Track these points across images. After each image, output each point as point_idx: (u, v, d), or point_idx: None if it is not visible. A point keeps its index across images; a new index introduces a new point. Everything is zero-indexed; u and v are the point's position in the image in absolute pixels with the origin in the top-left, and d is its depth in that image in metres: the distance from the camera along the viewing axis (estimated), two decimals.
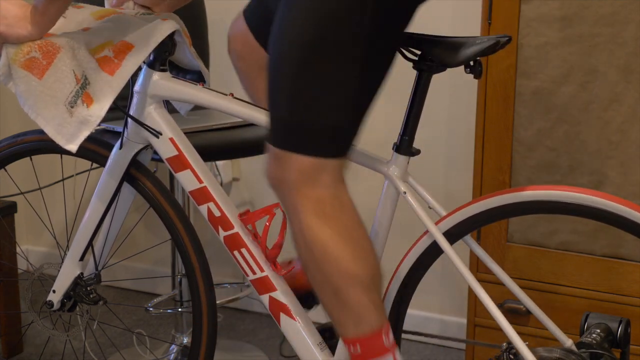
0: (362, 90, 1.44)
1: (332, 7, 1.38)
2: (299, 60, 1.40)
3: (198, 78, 1.81)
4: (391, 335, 1.50)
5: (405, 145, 1.55)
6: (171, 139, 1.69)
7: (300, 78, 1.41)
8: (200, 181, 1.68)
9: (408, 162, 1.57)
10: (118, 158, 1.75)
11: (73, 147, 1.61)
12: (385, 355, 1.49)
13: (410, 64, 1.53)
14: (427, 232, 1.54)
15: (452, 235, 1.53)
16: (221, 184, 2.30)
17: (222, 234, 1.68)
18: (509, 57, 2.03)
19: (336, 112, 1.42)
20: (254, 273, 1.66)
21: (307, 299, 1.66)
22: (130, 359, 2.37)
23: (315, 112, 1.41)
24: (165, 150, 1.69)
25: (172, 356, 2.41)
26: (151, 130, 1.69)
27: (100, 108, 1.61)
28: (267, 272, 1.66)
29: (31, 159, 1.92)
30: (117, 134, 1.74)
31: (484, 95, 2.08)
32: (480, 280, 1.51)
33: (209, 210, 1.68)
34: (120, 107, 1.67)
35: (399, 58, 1.57)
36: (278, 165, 1.45)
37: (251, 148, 2.23)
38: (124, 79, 1.62)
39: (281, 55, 1.43)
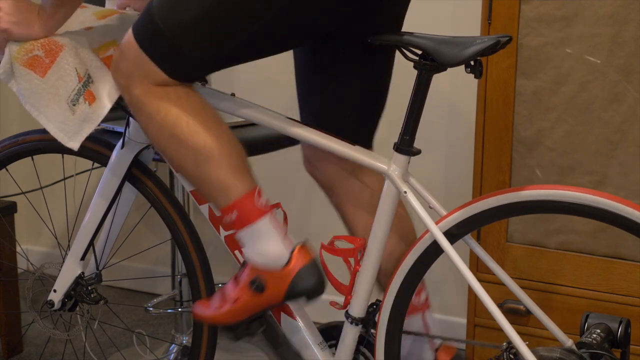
0: (234, 39, 1.48)
1: None
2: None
3: None
4: (264, 199, 1.53)
5: (405, 145, 1.55)
6: None
7: (191, 4, 1.45)
8: None
9: (409, 162, 1.57)
10: (120, 158, 1.75)
11: (75, 145, 1.61)
12: (261, 217, 1.51)
13: (411, 64, 1.53)
14: (427, 231, 1.54)
15: (453, 235, 1.53)
16: None
17: (223, 233, 1.68)
18: (509, 57, 2.03)
19: (203, 45, 1.47)
20: None
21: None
22: (130, 358, 2.37)
23: (185, 38, 1.46)
24: None
25: (172, 356, 2.41)
26: None
27: (102, 106, 1.61)
28: None
29: (32, 158, 1.92)
30: (118, 134, 1.75)
31: (484, 95, 2.08)
32: (480, 280, 1.51)
33: (209, 209, 1.68)
34: (122, 106, 1.67)
35: (399, 58, 1.57)
36: (129, 57, 1.51)
37: (251, 148, 2.22)
38: None
39: None
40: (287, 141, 1.95)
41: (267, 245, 1.52)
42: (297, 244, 1.53)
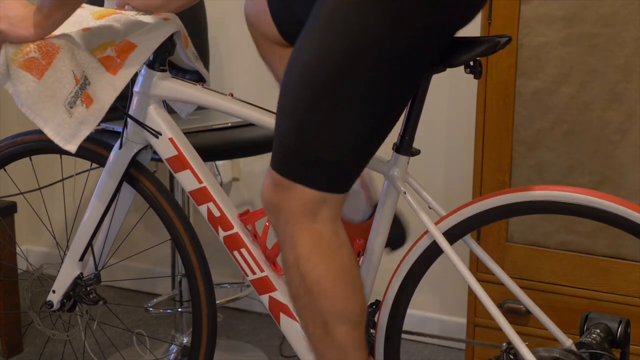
0: (374, 129, 1.41)
1: (363, 46, 1.32)
2: (315, 92, 1.35)
3: (198, 78, 1.81)
4: None
5: (405, 146, 1.55)
6: (171, 139, 1.69)
7: (315, 110, 1.36)
8: (200, 181, 1.68)
9: (408, 162, 1.57)
10: (118, 158, 1.75)
11: (72, 147, 1.61)
12: None
13: None
14: (427, 232, 1.54)
15: (452, 235, 1.53)
16: (221, 184, 2.30)
17: (222, 234, 1.68)
18: (509, 57, 2.03)
19: (345, 148, 1.38)
20: (254, 273, 1.66)
21: None
22: (130, 359, 2.37)
23: (323, 147, 1.37)
24: (165, 150, 1.69)
25: (172, 356, 2.41)
26: (151, 130, 1.69)
27: (100, 108, 1.61)
28: (267, 272, 1.66)
29: (31, 159, 1.92)
30: (117, 134, 1.74)
31: (484, 95, 2.08)
32: (480, 280, 1.51)
33: (208, 210, 1.68)
34: (120, 107, 1.67)
35: None
36: (278, 191, 1.42)
37: (251, 148, 2.23)
38: (127, 78, 1.62)
39: (298, 80, 1.37)
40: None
41: None
42: None
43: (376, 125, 1.40)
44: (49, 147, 1.79)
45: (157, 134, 1.69)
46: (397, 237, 1.68)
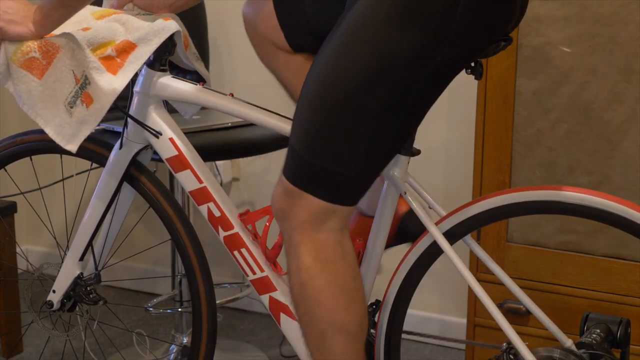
0: (386, 147, 1.42)
1: (386, 68, 1.33)
2: (333, 107, 1.36)
3: (198, 78, 1.81)
4: None
5: (405, 146, 1.55)
6: (171, 139, 1.69)
7: (331, 123, 1.37)
8: (200, 181, 1.68)
9: (408, 162, 1.56)
10: (118, 158, 1.75)
11: (73, 147, 1.61)
12: None
13: None
14: (427, 232, 1.54)
15: (452, 235, 1.53)
16: (221, 184, 2.30)
17: (222, 234, 1.68)
18: (509, 57, 2.03)
19: (357, 164, 1.40)
20: (254, 273, 1.66)
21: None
22: (130, 359, 2.37)
23: (336, 160, 1.39)
24: (165, 150, 1.69)
25: (172, 356, 2.41)
26: (151, 130, 1.69)
27: (100, 108, 1.61)
28: (267, 272, 1.66)
29: (31, 159, 1.92)
30: (117, 134, 1.74)
31: (484, 95, 2.08)
32: (480, 280, 1.51)
33: (209, 210, 1.68)
34: (120, 107, 1.67)
35: None
36: (288, 199, 1.43)
37: (251, 148, 2.23)
38: (127, 77, 1.62)
39: (318, 92, 1.38)
40: (286, 141, 1.94)
41: None
42: None
43: (389, 143, 1.42)
44: (50, 147, 1.79)
45: (157, 134, 1.69)
46: (412, 231, 1.65)
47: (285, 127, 1.60)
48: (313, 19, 1.57)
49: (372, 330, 1.63)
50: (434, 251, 1.54)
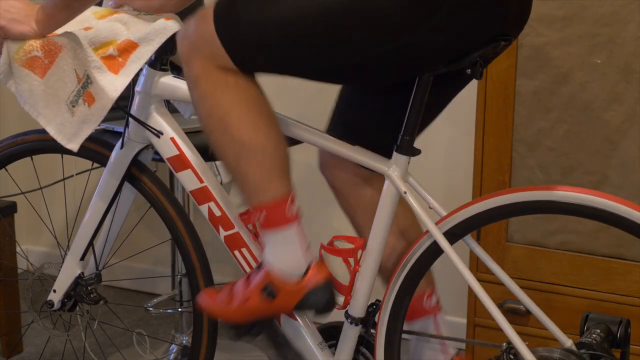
0: (320, 65, 1.45)
1: (368, 11, 1.36)
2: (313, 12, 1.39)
3: None
4: (296, 207, 1.51)
5: (405, 146, 1.55)
6: (172, 139, 1.69)
7: (288, 13, 1.40)
8: (201, 181, 1.68)
9: (408, 162, 1.57)
10: (119, 158, 1.75)
11: (74, 146, 1.61)
12: (288, 225, 1.50)
13: None
14: (427, 232, 1.54)
15: (452, 235, 1.53)
16: (221, 184, 2.30)
17: (223, 233, 1.68)
18: (509, 57, 2.03)
19: (284, 46, 1.43)
20: None
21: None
22: (130, 359, 2.37)
23: (270, 37, 1.42)
24: (166, 149, 1.69)
25: (172, 356, 2.41)
26: (152, 130, 1.69)
27: (102, 107, 1.61)
28: None
29: (32, 158, 1.92)
30: (118, 134, 1.74)
31: (484, 95, 2.08)
32: (480, 280, 1.51)
33: (209, 209, 1.68)
34: (121, 106, 1.67)
35: None
36: (199, 32, 1.47)
37: None
38: (128, 77, 1.63)
39: None
40: (288, 141, 1.94)
41: (288, 253, 1.51)
42: (315, 259, 1.53)
43: (322, 62, 1.44)
44: (50, 147, 1.79)
45: (158, 134, 1.69)
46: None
47: (285, 127, 1.60)
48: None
49: (372, 330, 1.64)
50: (434, 251, 1.55)
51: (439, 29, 1.37)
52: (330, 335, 1.69)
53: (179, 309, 2.38)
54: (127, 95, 1.70)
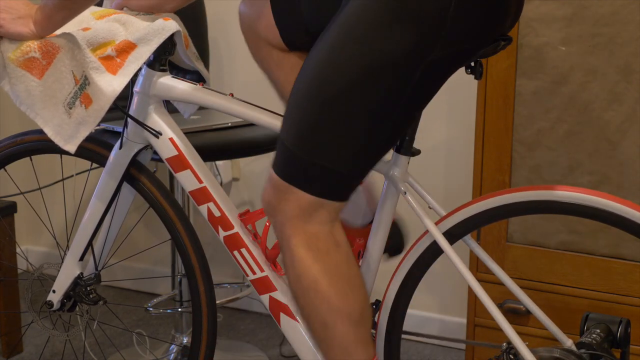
0: (377, 145, 1.43)
1: (380, 66, 1.34)
2: (326, 103, 1.37)
3: (198, 78, 1.81)
4: None
5: (405, 146, 1.55)
6: (171, 139, 1.69)
7: (322, 119, 1.38)
8: (200, 181, 1.68)
9: (408, 162, 1.57)
10: (118, 158, 1.75)
11: (71, 147, 1.61)
12: None
13: None
14: (427, 232, 1.54)
15: (452, 235, 1.53)
16: (221, 184, 2.30)
17: (222, 234, 1.68)
18: (509, 57, 2.03)
19: (348, 160, 1.41)
20: (254, 273, 1.66)
21: None
22: (130, 359, 2.37)
23: (326, 156, 1.39)
24: (165, 150, 1.69)
25: (172, 356, 2.41)
26: (151, 130, 1.69)
27: (99, 109, 1.61)
28: (267, 272, 1.66)
29: (31, 159, 1.92)
30: (118, 134, 1.74)
31: (484, 95, 2.08)
32: (480, 280, 1.51)
33: (208, 210, 1.68)
34: (120, 107, 1.67)
35: None
36: (277, 194, 1.45)
37: (251, 148, 2.23)
38: (127, 77, 1.62)
39: (310, 89, 1.39)
40: None
41: None
42: None
43: (380, 141, 1.42)
44: (49, 147, 1.79)
45: (157, 134, 1.69)
46: (395, 244, 1.68)
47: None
48: (309, 17, 1.57)
49: (372, 331, 1.63)
50: (434, 251, 1.54)
51: (447, 43, 1.35)
52: None
53: (179, 309, 2.38)
54: (126, 95, 1.70)
